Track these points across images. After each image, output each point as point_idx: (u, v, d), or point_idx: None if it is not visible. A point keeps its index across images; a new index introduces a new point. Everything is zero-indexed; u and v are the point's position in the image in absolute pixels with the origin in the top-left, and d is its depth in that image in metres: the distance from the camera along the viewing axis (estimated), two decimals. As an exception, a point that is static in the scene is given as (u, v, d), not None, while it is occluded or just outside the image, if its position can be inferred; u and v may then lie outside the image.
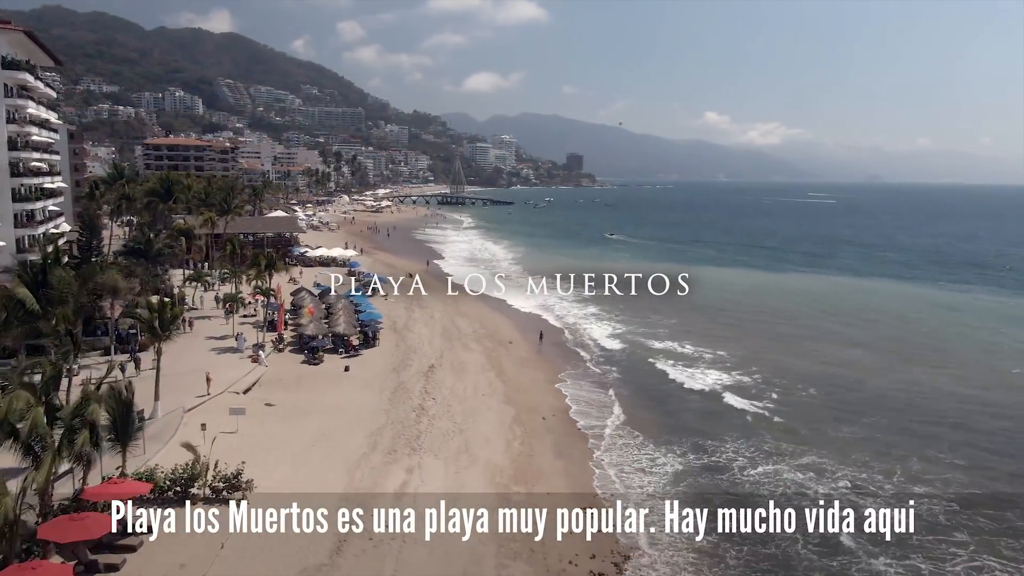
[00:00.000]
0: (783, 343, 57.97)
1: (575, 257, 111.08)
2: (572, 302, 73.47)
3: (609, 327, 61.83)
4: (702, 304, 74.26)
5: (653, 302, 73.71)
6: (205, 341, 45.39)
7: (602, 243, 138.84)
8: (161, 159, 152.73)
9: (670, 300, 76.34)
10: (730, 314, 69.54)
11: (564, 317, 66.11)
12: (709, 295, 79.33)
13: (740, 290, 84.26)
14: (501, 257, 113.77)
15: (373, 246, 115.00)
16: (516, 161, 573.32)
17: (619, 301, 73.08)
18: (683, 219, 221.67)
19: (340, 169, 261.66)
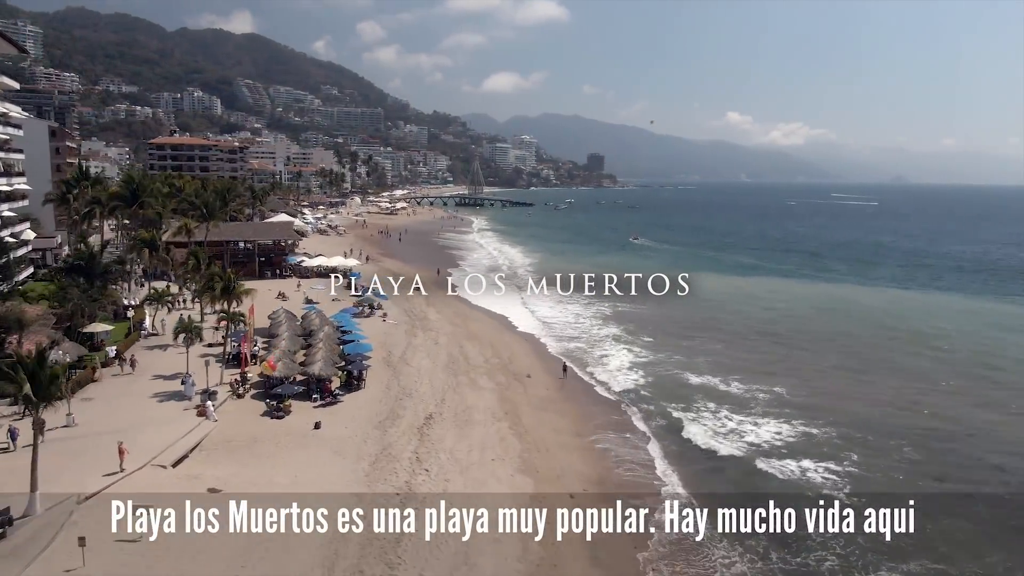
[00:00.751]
0: (848, 377, 48.33)
1: (598, 265, 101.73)
2: (594, 318, 64.26)
3: (637, 354, 52.60)
4: (743, 323, 64.86)
5: (684, 321, 64.52)
6: (150, 383, 36.83)
7: (627, 249, 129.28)
8: (165, 159, 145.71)
9: (703, 317, 67.24)
10: (779, 337, 59.93)
11: (586, 339, 57.04)
12: (750, 311, 69.72)
13: (784, 305, 74.47)
14: (519, 263, 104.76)
15: (382, 252, 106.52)
16: (536, 162, 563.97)
17: (646, 321, 63.97)
18: (710, 222, 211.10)
19: (356, 170, 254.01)
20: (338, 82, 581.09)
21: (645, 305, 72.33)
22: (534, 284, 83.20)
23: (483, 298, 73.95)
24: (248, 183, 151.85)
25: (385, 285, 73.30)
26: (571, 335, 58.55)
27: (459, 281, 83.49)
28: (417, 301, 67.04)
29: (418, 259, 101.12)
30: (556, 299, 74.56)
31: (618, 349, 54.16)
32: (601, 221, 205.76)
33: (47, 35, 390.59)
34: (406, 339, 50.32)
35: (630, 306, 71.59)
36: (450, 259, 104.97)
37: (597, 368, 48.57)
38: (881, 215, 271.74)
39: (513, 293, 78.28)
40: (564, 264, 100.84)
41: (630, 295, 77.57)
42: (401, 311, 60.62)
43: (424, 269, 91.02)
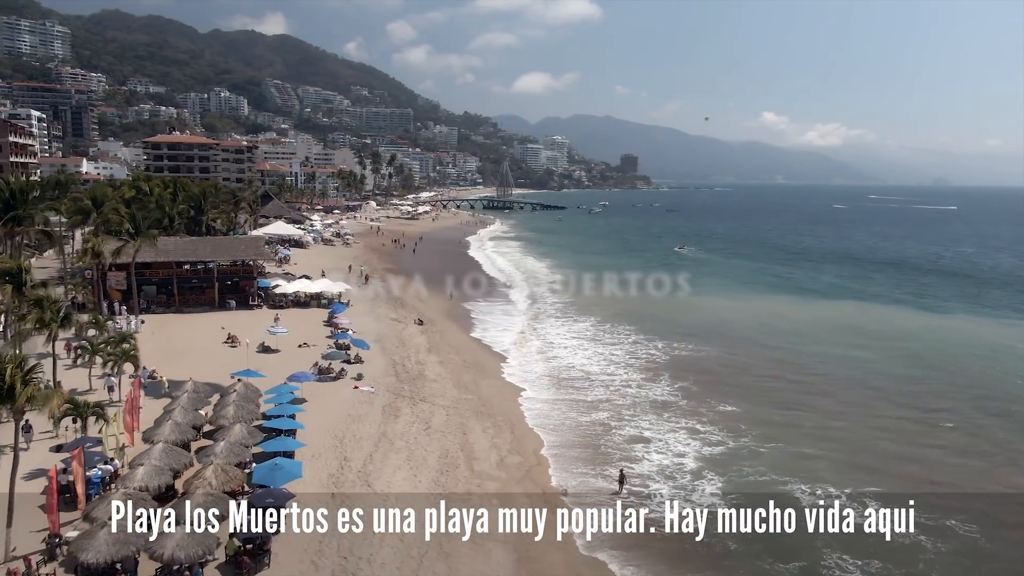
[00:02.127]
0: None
1: (642, 286, 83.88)
2: (641, 368, 46.47)
3: (707, 438, 35.02)
4: (860, 373, 46.57)
5: (769, 370, 46.59)
6: None
7: (673, 262, 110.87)
8: (162, 159, 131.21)
9: (798, 364, 49.23)
10: (933, 409, 41.67)
11: (636, 404, 39.37)
12: (864, 357, 51.05)
13: (900, 345, 55.75)
14: (543, 278, 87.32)
15: (389, 267, 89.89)
16: (568, 163, 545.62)
17: (713, 373, 46.31)
18: (759, 228, 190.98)
19: (380, 171, 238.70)
20: (368, 83, 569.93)
21: (711, 346, 54.65)
22: (563, 313, 66.09)
23: (500, 334, 56.92)
24: (254, 185, 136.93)
25: (380, 319, 56.70)
26: (619, 402, 40.97)
27: (476, 311, 66.39)
28: (416, 343, 50.13)
29: (431, 277, 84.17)
30: (590, 333, 57.10)
31: (677, 429, 36.60)
32: (639, 227, 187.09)
33: (77, 36, 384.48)
34: (380, 424, 33.11)
35: (691, 346, 53.84)
36: (469, 277, 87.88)
37: (660, 482, 30.90)
38: (952, 220, 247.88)
39: (535, 326, 60.99)
40: (601, 286, 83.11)
41: (688, 330, 60.28)
42: (388, 363, 43.55)
43: (436, 292, 74.24)
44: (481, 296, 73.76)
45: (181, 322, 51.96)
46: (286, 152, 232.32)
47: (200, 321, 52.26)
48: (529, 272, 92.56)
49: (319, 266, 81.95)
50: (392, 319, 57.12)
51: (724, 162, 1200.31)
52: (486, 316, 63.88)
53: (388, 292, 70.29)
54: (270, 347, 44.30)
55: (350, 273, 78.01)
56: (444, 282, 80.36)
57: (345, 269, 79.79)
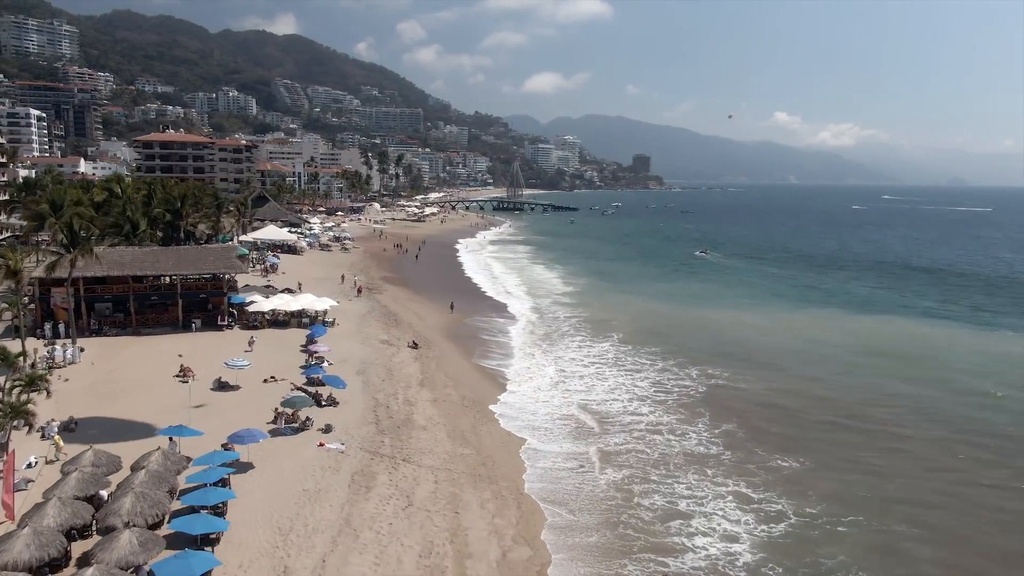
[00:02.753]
0: None
1: (664, 296, 75.75)
2: (681, 424, 38.33)
3: (785, 531, 26.83)
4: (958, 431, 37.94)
5: (828, 413, 38.15)
6: None
7: (696, 269, 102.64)
8: (153, 159, 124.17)
9: (872, 407, 40.68)
10: None
11: (678, 481, 31.22)
12: (967, 412, 42.36)
13: (979, 390, 47.20)
14: (554, 289, 79.15)
15: (387, 276, 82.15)
16: (580, 163, 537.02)
17: (772, 423, 38.18)
18: (780, 231, 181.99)
19: (387, 171, 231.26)
20: (379, 83, 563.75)
21: (752, 375, 46.53)
22: (577, 331, 58.12)
23: (506, 358, 49.05)
24: (252, 186, 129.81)
25: (368, 342, 48.96)
26: (645, 454, 32.95)
27: (480, 329, 58.53)
28: (407, 374, 42.33)
29: (432, 287, 76.48)
30: (609, 357, 49.07)
31: (723, 495, 28.49)
32: (655, 229, 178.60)
33: (86, 36, 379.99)
34: (344, 504, 25.08)
35: (729, 375, 45.70)
36: (474, 287, 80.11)
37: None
38: (978, 223, 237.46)
39: (547, 348, 53.07)
40: (617, 299, 75.07)
41: (723, 353, 52.20)
42: (369, 405, 35.66)
43: (436, 305, 66.49)
44: (486, 310, 65.92)
45: (134, 347, 44.40)
46: (291, 152, 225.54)
47: (157, 346, 44.70)
48: (539, 283, 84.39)
49: (310, 275, 74.54)
50: (382, 342, 49.34)
51: (737, 162, 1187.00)
52: (491, 335, 56.02)
53: (382, 307, 62.56)
54: (228, 383, 36.60)
55: (342, 283, 70.44)
56: (447, 289, 72.55)
57: (337, 279, 72.29)
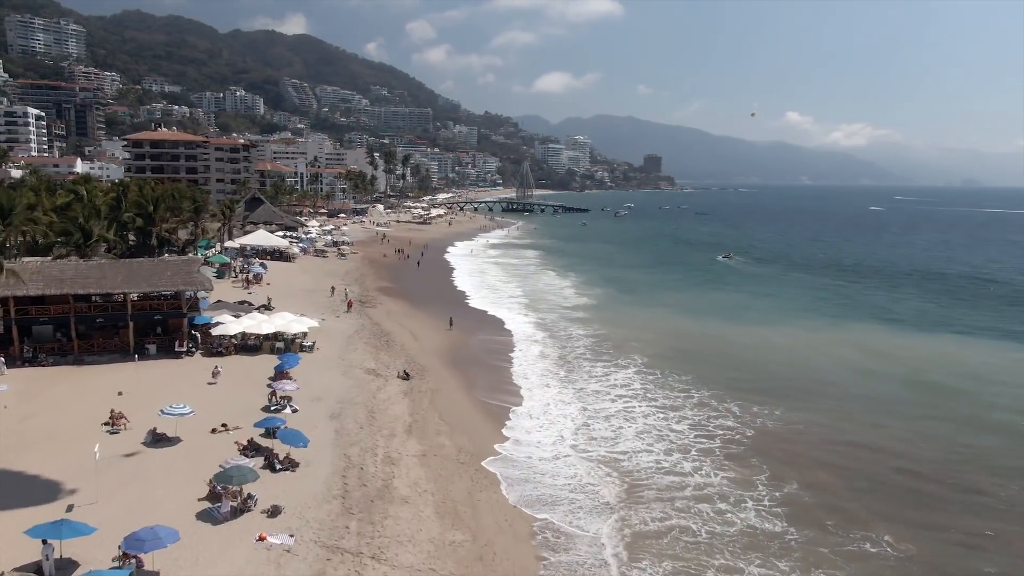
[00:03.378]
0: None
1: (689, 312, 67.83)
2: (732, 487, 30.42)
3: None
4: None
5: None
6: None
7: (721, 275, 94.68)
8: (144, 159, 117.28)
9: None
10: None
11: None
12: None
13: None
14: (568, 302, 71.19)
15: (384, 286, 74.59)
16: (590, 163, 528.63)
17: (844, 480, 30.45)
18: (803, 234, 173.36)
19: (394, 171, 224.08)
20: (388, 83, 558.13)
21: (807, 411, 38.87)
22: (595, 354, 50.46)
23: (515, 390, 41.53)
24: (248, 187, 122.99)
25: (351, 372, 41.51)
26: (692, 535, 25.29)
27: (484, 350, 50.97)
28: (392, 416, 34.85)
29: (432, 299, 68.96)
30: (635, 388, 41.37)
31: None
32: (671, 232, 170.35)
33: (94, 35, 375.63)
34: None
35: (780, 412, 37.82)
36: (479, 299, 72.45)
37: None
38: (1002, 225, 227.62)
39: (563, 374, 45.51)
40: (640, 313, 67.31)
41: (764, 382, 44.56)
42: (337, 469, 27.94)
43: (436, 320, 58.98)
44: (491, 327, 58.35)
45: (69, 381, 37.13)
46: (296, 152, 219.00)
47: (98, 379, 37.44)
48: (550, 293, 76.63)
49: (298, 287, 67.28)
50: (368, 371, 41.86)
51: (748, 162, 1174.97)
52: (496, 359, 48.46)
53: (374, 324, 55.07)
54: (165, 435, 29.19)
55: (332, 296, 63.08)
56: (447, 306, 65.00)
57: (327, 290, 64.94)
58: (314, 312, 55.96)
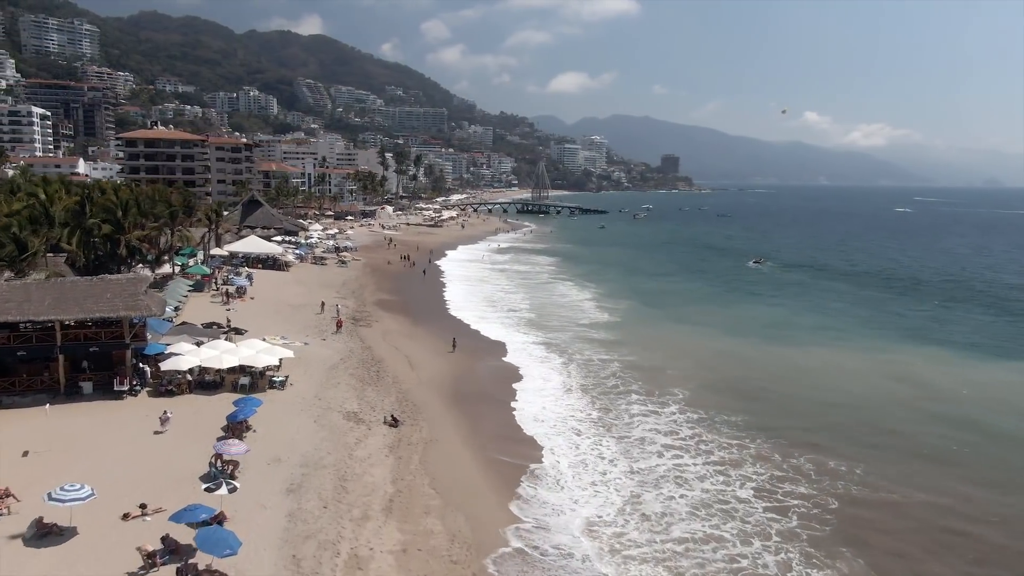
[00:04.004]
0: None
1: (728, 330, 59.38)
2: None
3: None
4: None
5: None
6: None
7: (756, 287, 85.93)
8: (137, 158, 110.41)
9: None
10: None
11: None
12: None
13: None
14: (590, 318, 62.86)
15: (383, 300, 66.66)
16: (607, 163, 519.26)
17: None
18: (831, 237, 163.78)
19: (405, 171, 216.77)
20: (403, 83, 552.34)
21: (890, 468, 30.62)
22: (626, 386, 42.37)
23: (528, 439, 33.56)
24: (248, 188, 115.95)
25: (325, 418, 33.67)
26: None
27: (493, 382, 42.99)
28: (368, 485, 26.88)
29: (436, 314, 61.10)
30: (680, 436, 33.10)
31: None
32: (694, 236, 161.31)
33: (108, 36, 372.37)
34: None
35: (861, 471, 29.38)
36: (489, 315, 64.41)
37: None
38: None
39: (591, 413, 37.50)
40: (672, 331, 59.09)
41: (834, 425, 36.38)
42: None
43: (437, 341, 51.07)
44: (503, 350, 50.36)
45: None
46: (306, 152, 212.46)
47: (5, 429, 29.87)
48: (569, 307, 68.38)
49: (285, 301, 59.66)
50: (348, 415, 34.00)
51: (765, 163, 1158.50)
52: (508, 393, 40.48)
53: (365, 348, 47.23)
54: (56, 525, 21.50)
55: (322, 312, 55.38)
56: (452, 324, 57.08)
57: (317, 305, 57.26)
58: (298, 333, 48.33)
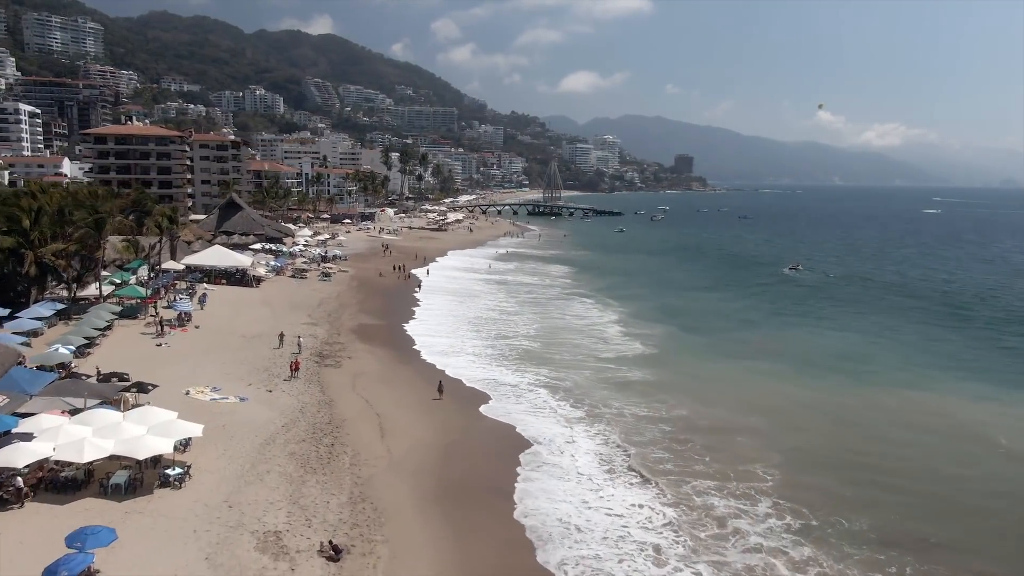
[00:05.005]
0: None
1: (794, 367, 46.76)
2: None
3: None
4: None
5: None
6: None
7: (805, 303, 73.06)
8: (107, 156, 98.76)
9: None
10: None
11: None
12: None
13: None
14: (618, 350, 50.62)
15: (362, 325, 54.33)
16: (619, 163, 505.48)
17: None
18: (864, 239, 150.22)
19: (409, 171, 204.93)
20: (414, 83, 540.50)
21: None
22: (681, 458, 30.29)
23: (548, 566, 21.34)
24: (232, 189, 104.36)
25: (227, 543, 21.35)
26: None
27: (491, 452, 30.77)
28: None
29: (423, 348, 48.85)
30: (785, 557, 21.00)
31: None
32: (720, 241, 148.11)
33: (115, 35, 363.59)
34: None
35: None
36: (492, 344, 51.96)
37: None
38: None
39: (638, 512, 25.33)
40: (723, 370, 46.61)
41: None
42: None
43: (422, 384, 38.85)
44: (509, 397, 38.14)
45: None
46: (307, 151, 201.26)
47: None
48: (590, 332, 55.85)
49: (240, 330, 47.64)
50: (265, 540, 21.76)
51: (779, 163, 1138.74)
52: (519, 477, 28.23)
53: (323, 402, 35.06)
54: None
55: (280, 347, 43.31)
56: (444, 357, 44.85)
57: (276, 336, 45.14)
58: (240, 379, 36.37)
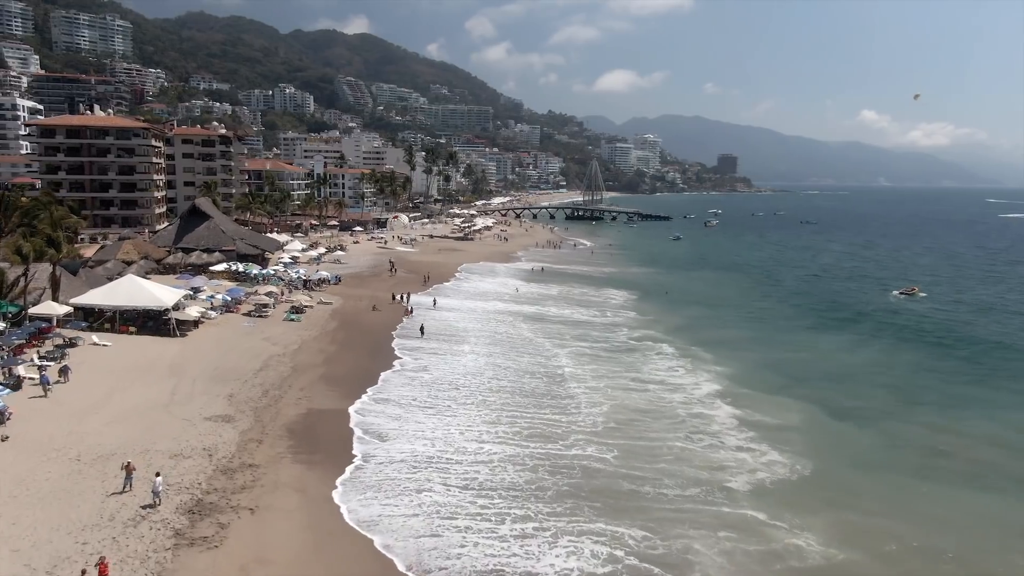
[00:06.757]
0: None
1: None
2: None
3: None
4: None
5: None
6: None
7: (951, 346, 50.43)
8: (55, 152, 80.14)
9: None
10: None
11: None
12: None
13: None
14: (739, 461, 29.46)
15: (308, 414, 33.72)
16: (660, 163, 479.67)
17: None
18: (965, 252, 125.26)
19: (435, 172, 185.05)
20: (449, 82, 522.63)
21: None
22: None
23: None
24: (212, 191, 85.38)
25: None
26: None
27: None
28: None
29: (392, 504, 28.05)
30: None
31: None
32: (796, 253, 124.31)
33: (147, 33, 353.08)
34: None
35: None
36: (526, 433, 30.79)
37: None
38: None
39: None
40: (916, 488, 24.50)
41: None
42: None
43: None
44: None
45: None
46: (330, 150, 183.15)
47: None
48: (678, 423, 34.26)
49: (83, 442, 27.24)
50: None
51: (821, 163, 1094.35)
52: None
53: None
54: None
55: (128, 491, 22.87)
56: (429, 522, 24.24)
57: (134, 453, 24.74)
58: None
